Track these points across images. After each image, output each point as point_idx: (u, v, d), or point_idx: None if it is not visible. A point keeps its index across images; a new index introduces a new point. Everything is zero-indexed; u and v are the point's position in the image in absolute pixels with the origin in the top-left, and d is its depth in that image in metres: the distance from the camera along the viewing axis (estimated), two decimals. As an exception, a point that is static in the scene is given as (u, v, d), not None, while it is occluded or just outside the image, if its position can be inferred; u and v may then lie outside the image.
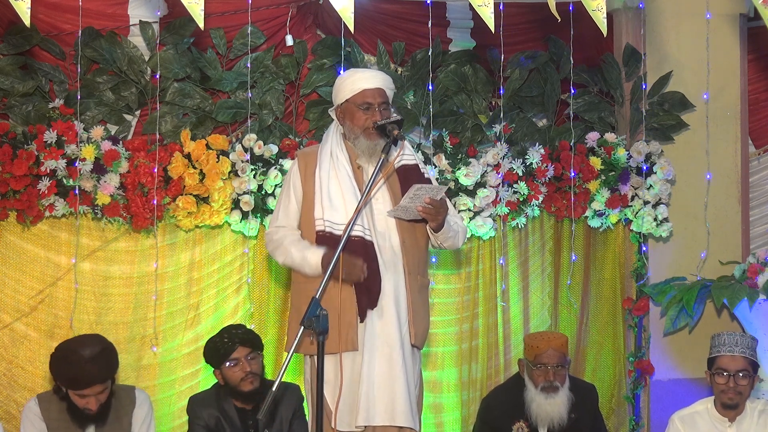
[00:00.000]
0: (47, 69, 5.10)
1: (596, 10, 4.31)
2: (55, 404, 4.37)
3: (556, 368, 4.78)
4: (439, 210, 3.91)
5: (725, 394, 4.59)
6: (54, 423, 4.34)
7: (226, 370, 4.57)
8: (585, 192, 5.61)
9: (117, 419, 4.40)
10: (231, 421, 4.58)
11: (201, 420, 4.59)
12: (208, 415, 4.59)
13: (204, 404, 4.63)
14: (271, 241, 4.10)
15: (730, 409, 4.61)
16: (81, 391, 4.25)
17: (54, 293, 5.15)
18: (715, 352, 4.64)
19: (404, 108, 5.48)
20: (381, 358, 3.94)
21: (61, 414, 4.34)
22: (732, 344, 4.60)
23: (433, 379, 5.64)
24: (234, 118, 5.28)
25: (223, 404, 4.60)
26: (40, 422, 4.34)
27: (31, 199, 4.91)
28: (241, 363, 4.55)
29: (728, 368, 4.56)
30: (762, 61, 6.15)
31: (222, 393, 4.63)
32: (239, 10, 5.26)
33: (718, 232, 5.86)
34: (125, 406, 4.44)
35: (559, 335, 4.95)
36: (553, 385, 4.77)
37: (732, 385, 4.56)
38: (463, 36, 5.73)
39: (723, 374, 4.57)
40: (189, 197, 5.06)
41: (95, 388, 4.26)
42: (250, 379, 4.54)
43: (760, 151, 6.27)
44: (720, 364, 4.59)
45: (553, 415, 4.76)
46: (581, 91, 5.75)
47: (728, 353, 4.59)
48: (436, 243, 4.09)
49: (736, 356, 4.58)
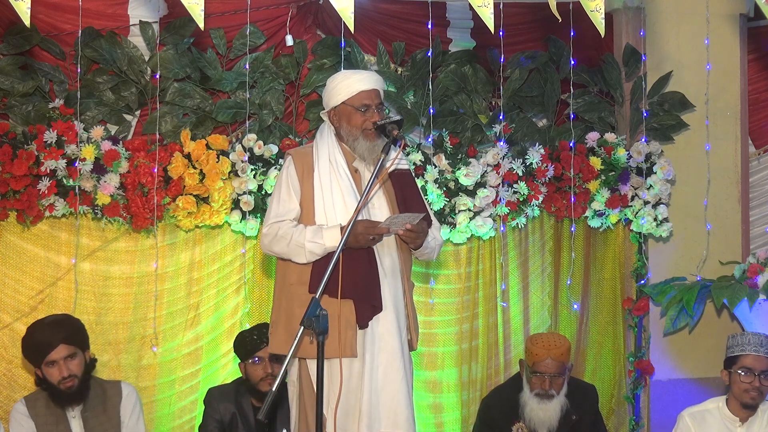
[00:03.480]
0: (47, 69, 5.10)
1: (594, 10, 4.31)
2: (41, 401, 4.40)
3: (553, 377, 4.74)
4: (419, 234, 3.93)
5: (748, 393, 4.56)
6: (42, 420, 4.37)
7: (250, 366, 4.64)
8: (585, 192, 5.61)
9: (104, 412, 4.42)
10: (246, 418, 4.61)
11: (217, 413, 4.65)
12: (225, 409, 4.64)
13: (222, 398, 4.68)
14: (268, 234, 3.96)
15: (750, 409, 4.59)
16: (48, 357, 4.29)
17: (54, 293, 5.16)
18: (739, 351, 4.60)
19: (404, 108, 5.48)
20: (382, 365, 3.93)
21: (49, 410, 4.37)
22: (758, 344, 4.58)
23: (433, 379, 5.64)
24: (234, 118, 5.28)
25: (241, 400, 4.64)
26: (28, 421, 4.37)
27: (31, 199, 4.91)
28: (264, 363, 4.60)
29: (754, 367, 4.54)
30: (762, 61, 6.15)
31: (242, 389, 4.68)
32: (239, 10, 5.26)
33: (718, 232, 5.87)
34: (112, 398, 4.47)
35: (560, 343, 4.80)
36: (548, 394, 4.74)
37: (757, 385, 4.55)
38: (463, 36, 5.73)
39: (748, 373, 4.54)
40: (189, 197, 5.05)
41: (60, 351, 4.30)
42: (269, 381, 4.58)
43: (760, 151, 6.27)
44: (745, 363, 4.56)
45: (545, 420, 4.73)
46: (581, 91, 5.75)
47: (754, 353, 4.56)
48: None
49: (761, 356, 4.57)
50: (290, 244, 3.91)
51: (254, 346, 4.63)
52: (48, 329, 4.36)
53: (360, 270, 3.90)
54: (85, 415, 4.40)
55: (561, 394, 4.78)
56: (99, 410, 4.41)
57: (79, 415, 4.39)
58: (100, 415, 4.41)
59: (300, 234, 3.90)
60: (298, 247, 3.90)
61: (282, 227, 3.95)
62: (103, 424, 4.41)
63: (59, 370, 4.30)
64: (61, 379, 4.31)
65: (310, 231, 3.90)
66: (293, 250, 3.92)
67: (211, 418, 4.66)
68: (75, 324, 4.48)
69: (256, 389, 4.62)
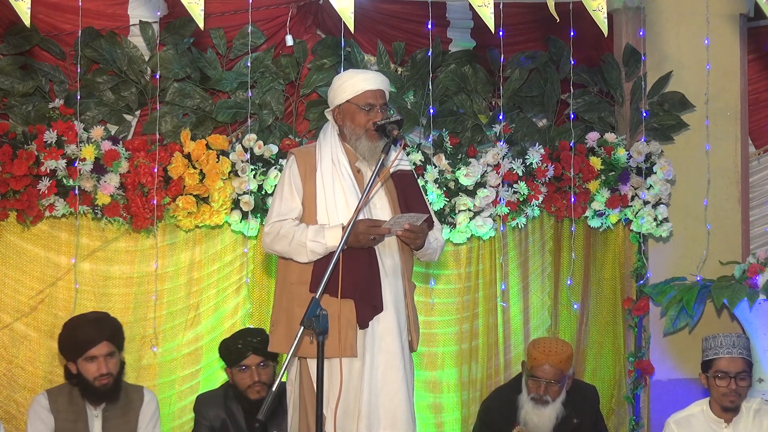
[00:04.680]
0: (47, 69, 5.10)
1: (597, 10, 4.32)
2: (64, 397, 4.41)
3: (549, 384, 4.70)
4: (418, 235, 3.93)
5: (726, 397, 4.55)
6: (62, 416, 4.38)
7: (237, 373, 4.59)
8: (585, 192, 5.61)
9: (124, 415, 4.43)
10: (237, 422, 4.58)
11: (207, 420, 4.60)
12: (215, 415, 4.59)
13: (211, 404, 4.63)
14: (270, 233, 3.95)
15: (731, 411, 4.59)
16: (89, 352, 4.31)
17: (54, 293, 5.16)
18: (713, 354, 4.59)
19: (404, 108, 5.48)
20: (382, 365, 3.93)
21: (71, 406, 4.37)
22: (730, 345, 4.56)
23: (433, 379, 5.65)
24: (234, 118, 5.28)
25: (230, 405, 4.60)
26: (48, 415, 4.38)
27: (31, 199, 4.91)
28: (251, 371, 4.56)
29: (729, 371, 4.52)
30: (762, 61, 6.15)
31: (230, 393, 4.63)
32: (239, 10, 5.27)
33: (718, 232, 5.86)
34: (133, 402, 4.48)
35: (561, 350, 4.73)
36: (543, 399, 4.71)
37: (733, 388, 4.53)
38: (463, 36, 5.73)
39: (724, 377, 4.53)
40: (189, 197, 5.05)
41: (101, 348, 4.33)
42: (257, 388, 4.55)
43: (760, 151, 6.26)
44: (720, 366, 4.55)
45: (539, 426, 4.70)
46: (581, 91, 5.75)
47: (727, 355, 4.55)
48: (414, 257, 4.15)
49: (735, 358, 4.55)
50: (292, 243, 3.91)
51: (240, 355, 4.58)
52: (93, 326, 4.40)
53: (360, 270, 3.90)
54: (106, 415, 4.42)
55: (557, 402, 4.73)
56: (119, 412, 4.43)
57: (101, 414, 4.41)
58: (120, 418, 4.42)
59: (302, 233, 3.90)
60: (300, 247, 3.90)
61: (284, 226, 3.95)
62: (121, 426, 4.42)
63: (98, 366, 4.33)
64: (99, 375, 4.33)
65: (312, 230, 3.90)
66: (295, 249, 3.92)
67: (201, 425, 4.62)
68: (117, 324, 4.54)
69: (244, 396, 4.58)
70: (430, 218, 4.07)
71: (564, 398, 4.77)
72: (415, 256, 4.12)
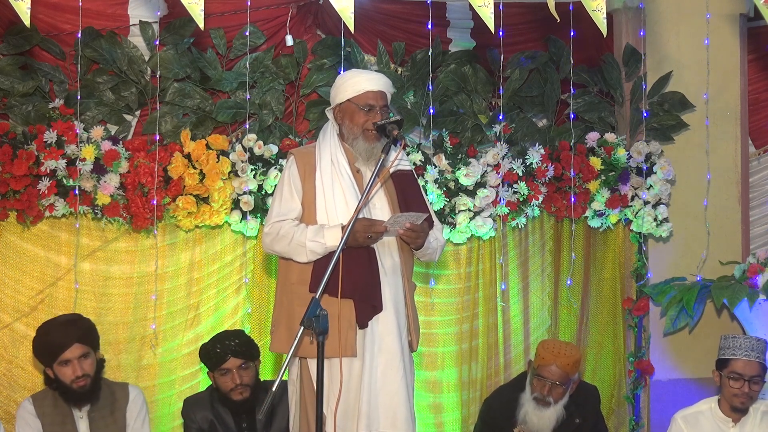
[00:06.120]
0: (47, 69, 5.10)
1: (596, 10, 4.32)
2: (48, 400, 4.40)
3: (554, 385, 4.69)
4: (419, 234, 3.93)
5: (737, 398, 4.56)
6: (48, 419, 4.37)
7: (218, 377, 4.59)
8: (585, 192, 5.61)
9: (111, 414, 4.42)
10: (224, 423, 4.58)
11: (195, 423, 4.60)
12: (202, 417, 4.59)
13: (198, 407, 4.63)
14: (270, 233, 3.97)
15: (739, 413, 4.59)
16: (62, 356, 4.29)
17: (54, 293, 5.15)
18: (730, 354, 4.59)
19: (404, 108, 5.48)
20: (381, 365, 3.94)
21: (56, 410, 4.36)
22: (748, 349, 4.56)
23: (433, 379, 5.65)
24: (234, 118, 5.28)
25: (216, 406, 4.60)
26: (35, 420, 4.37)
27: (31, 199, 4.91)
28: (232, 374, 4.56)
29: (744, 373, 4.53)
30: (762, 61, 6.15)
31: (216, 395, 4.63)
32: (239, 10, 5.26)
33: (718, 232, 5.86)
34: (119, 400, 4.47)
35: (570, 353, 4.71)
36: (546, 400, 4.69)
37: (746, 391, 4.54)
38: (463, 36, 5.73)
39: (738, 379, 4.53)
40: (189, 197, 5.05)
41: (74, 350, 4.30)
42: (239, 390, 4.54)
43: (760, 151, 6.27)
44: (735, 367, 4.55)
45: (539, 427, 4.69)
46: (581, 91, 5.75)
47: (744, 357, 4.54)
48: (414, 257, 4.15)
49: (752, 362, 4.55)
50: (291, 244, 3.92)
51: (219, 359, 4.56)
52: (62, 328, 4.36)
53: (360, 270, 3.91)
54: (92, 416, 4.40)
55: (559, 404, 4.71)
56: (106, 412, 4.42)
57: (86, 416, 4.40)
58: (107, 417, 4.41)
59: (301, 233, 3.91)
60: (300, 247, 3.91)
61: (284, 226, 3.95)
62: (109, 425, 4.41)
63: (73, 369, 4.31)
64: (74, 378, 4.31)
65: (312, 230, 3.91)
66: (294, 250, 3.92)
67: (190, 429, 4.62)
68: (88, 324, 4.50)
69: (227, 399, 4.57)
70: (431, 218, 4.07)
71: (566, 401, 4.77)
72: (415, 256, 4.12)
